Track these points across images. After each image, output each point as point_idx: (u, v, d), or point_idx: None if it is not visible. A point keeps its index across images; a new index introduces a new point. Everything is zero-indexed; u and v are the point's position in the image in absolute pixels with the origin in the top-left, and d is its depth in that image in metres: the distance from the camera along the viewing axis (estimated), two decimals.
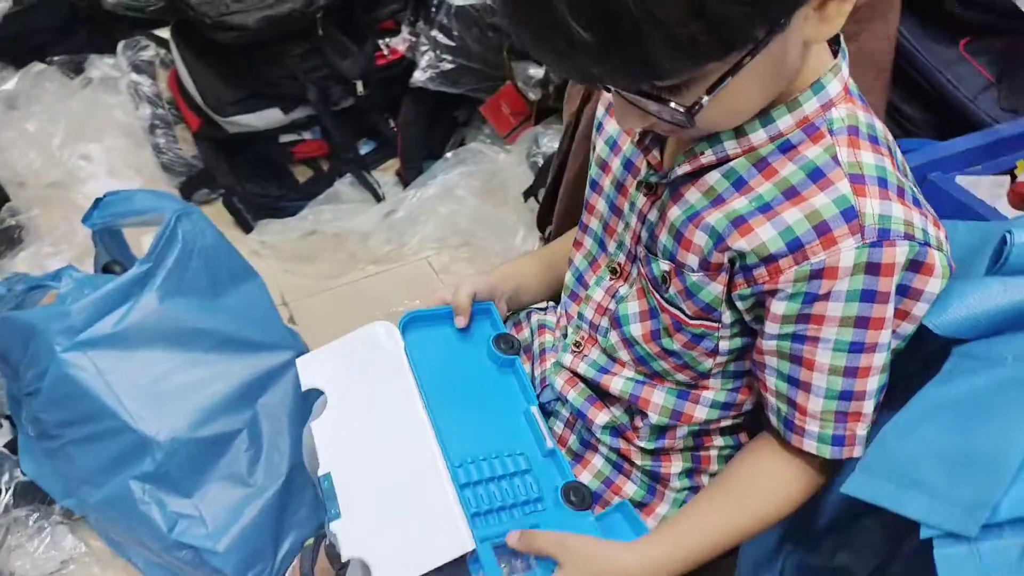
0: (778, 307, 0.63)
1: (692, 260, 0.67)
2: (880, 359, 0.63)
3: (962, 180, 0.87)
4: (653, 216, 0.72)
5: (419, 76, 1.94)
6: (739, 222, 0.63)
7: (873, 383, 0.64)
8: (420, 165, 2.08)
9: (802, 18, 0.54)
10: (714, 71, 0.53)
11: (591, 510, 0.73)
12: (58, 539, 1.37)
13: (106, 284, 1.22)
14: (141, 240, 1.79)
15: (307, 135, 2.05)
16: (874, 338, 0.61)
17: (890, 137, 0.66)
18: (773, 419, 0.71)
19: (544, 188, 1.78)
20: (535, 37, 0.52)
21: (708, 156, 0.65)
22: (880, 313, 0.60)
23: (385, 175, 2.11)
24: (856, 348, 0.62)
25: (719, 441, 0.80)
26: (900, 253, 0.58)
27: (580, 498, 0.73)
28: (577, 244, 0.85)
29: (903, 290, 0.61)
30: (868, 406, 0.65)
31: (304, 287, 1.91)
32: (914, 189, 0.64)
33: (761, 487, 0.71)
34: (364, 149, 2.12)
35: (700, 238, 0.66)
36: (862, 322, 0.61)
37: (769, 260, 0.61)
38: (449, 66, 1.93)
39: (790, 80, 0.61)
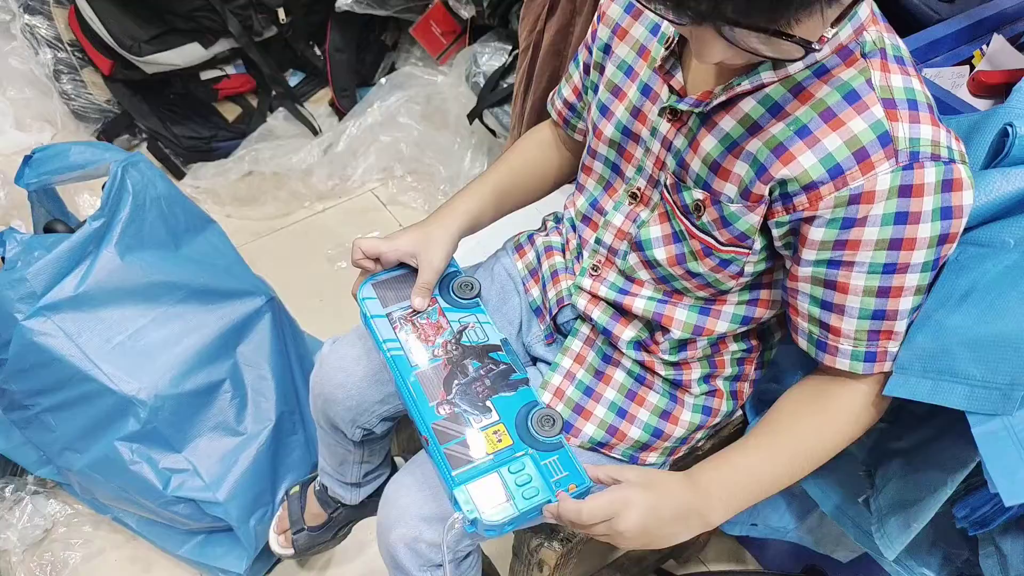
0: (816, 233, 0.64)
1: (730, 190, 0.68)
2: (913, 279, 0.64)
3: (927, 72, 0.92)
4: (680, 143, 0.72)
5: None
6: (780, 150, 0.64)
7: (906, 303, 0.65)
8: (354, 93, 2.02)
9: None
10: (839, 5, 0.53)
11: (562, 435, 0.75)
12: (39, 507, 1.34)
13: (59, 244, 1.16)
14: (75, 197, 1.70)
15: (230, 70, 1.94)
16: (907, 259, 0.63)
17: (910, 55, 0.67)
18: (803, 342, 0.72)
19: (486, 109, 1.76)
20: None
21: (744, 86, 0.65)
22: (912, 234, 0.62)
23: (319, 107, 2.04)
24: (889, 269, 0.63)
25: (733, 346, 0.83)
26: (929, 174, 0.60)
27: (551, 424, 0.76)
28: (586, 169, 0.84)
29: (946, 213, 0.62)
30: (900, 325, 0.66)
31: (250, 230, 1.85)
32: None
33: (806, 420, 0.72)
34: (293, 80, 2.03)
35: (740, 168, 0.67)
36: (895, 244, 0.62)
37: (811, 187, 0.62)
38: None
39: None
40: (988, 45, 0.93)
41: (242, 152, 1.90)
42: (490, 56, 1.81)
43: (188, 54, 1.80)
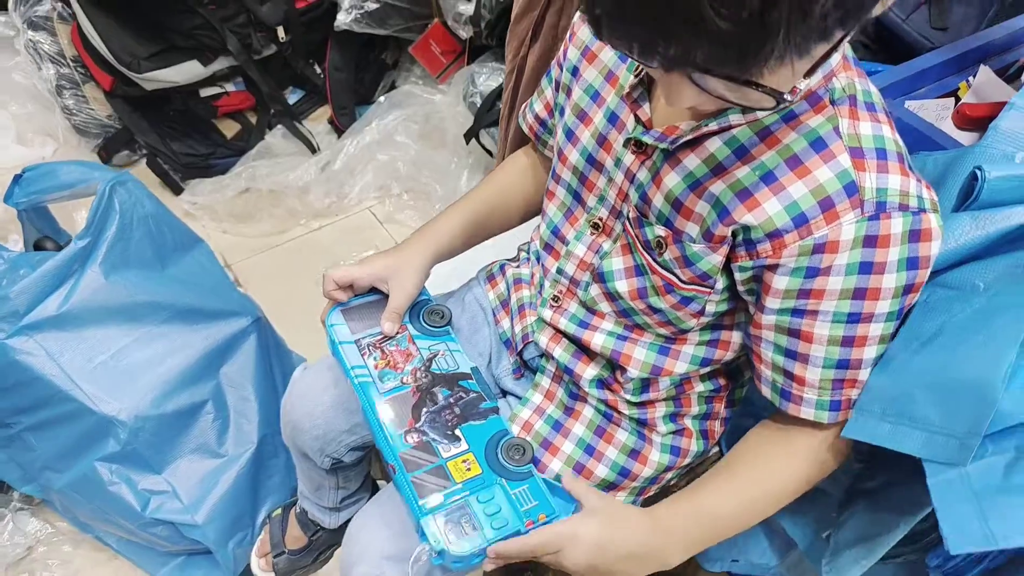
0: (779, 282, 0.63)
1: (692, 229, 0.67)
2: (878, 329, 0.63)
3: (911, 104, 0.90)
4: (643, 177, 0.70)
5: (343, 18, 1.86)
6: (744, 195, 0.62)
7: (871, 352, 0.64)
8: (352, 111, 2.02)
9: None
10: (816, 54, 0.50)
11: (531, 464, 0.75)
12: (21, 525, 1.34)
13: (44, 263, 1.16)
14: (73, 213, 1.71)
15: (230, 87, 1.95)
16: (871, 308, 0.62)
17: (882, 100, 0.66)
18: (767, 390, 0.71)
19: (482, 129, 1.76)
20: (637, 19, 0.46)
21: (712, 127, 0.64)
22: (877, 284, 0.61)
23: (317, 124, 2.04)
24: (853, 319, 0.63)
25: (700, 387, 0.82)
26: (896, 225, 0.59)
27: (520, 453, 0.75)
28: (550, 194, 0.83)
29: (912, 263, 0.61)
30: (864, 374, 0.66)
31: (245, 247, 1.85)
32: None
33: (768, 462, 0.71)
34: (292, 98, 2.04)
35: (702, 207, 0.66)
36: (860, 293, 0.61)
37: (775, 235, 0.61)
38: (374, 6, 1.86)
39: None
40: (975, 77, 0.92)
41: (240, 169, 1.90)
42: (487, 76, 1.80)
43: (187, 71, 1.81)
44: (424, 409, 0.78)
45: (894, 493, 0.70)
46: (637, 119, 0.70)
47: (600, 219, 0.77)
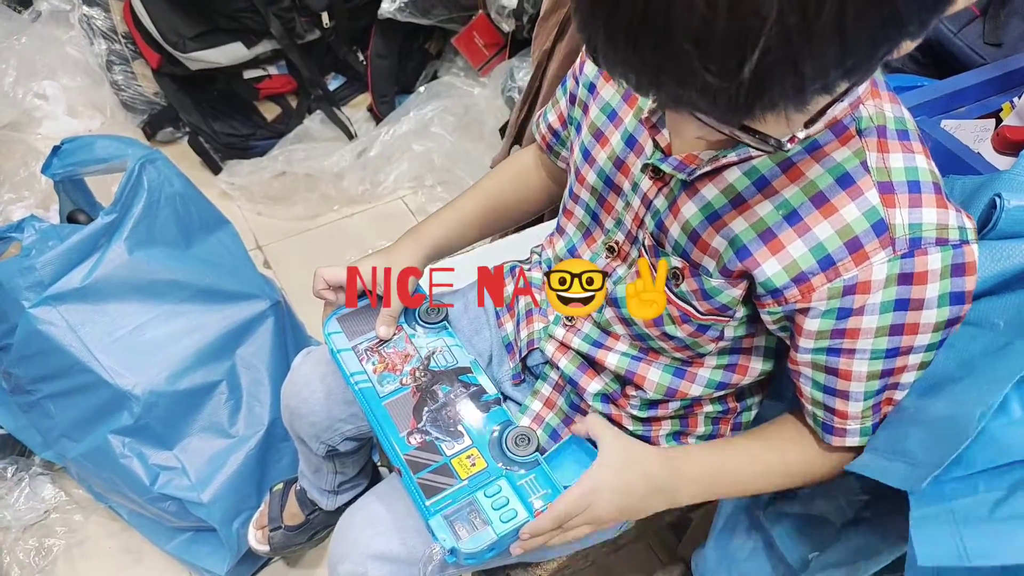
0: (811, 324, 0.61)
1: (709, 263, 0.65)
2: (917, 358, 0.62)
3: (947, 124, 0.86)
4: (661, 204, 0.68)
5: (387, 7, 1.86)
6: (768, 236, 0.60)
7: (909, 378, 0.63)
8: (392, 100, 2.02)
9: None
10: (817, 105, 0.48)
11: (538, 453, 0.74)
12: (38, 489, 1.37)
13: (71, 235, 1.19)
14: (111, 187, 1.74)
15: (273, 70, 1.97)
16: (910, 341, 0.60)
17: (916, 126, 0.62)
18: (810, 421, 0.70)
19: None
20: (630, 60, 0.44)
21: (731, 158, 0.61)
22: (915, 319, 0.59)
23: (356, 111, 2.05)
24: (892, 353, 0.61)
25: (708, 407, 0.80)
26: (934, 260, 0.57)
27: (527, 443, 0.74)
28: (568, 213, 0.81)
29: (956, 298, 0.58)
30: (900, 395, 0.65)
31: (278, 229, 1.87)
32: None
33: (794, 442, 0.72)
34: (333, 84, 2.05)
35: (719, 243, 0.63)
36: (897, 329, 0.60)
37: (801, 279, 0.60)
38: None
39: None
40: (1021, 97, 0.86)
41: (277, 152, 1.92)
42: (527, 71, 1.78)
43: (231, 53, 1.83)
44: (425, 408, 0.77)
45: (886, 523, 0.68)
46: (656, 144, 0.67)
47: (616, 243, 0.75)
